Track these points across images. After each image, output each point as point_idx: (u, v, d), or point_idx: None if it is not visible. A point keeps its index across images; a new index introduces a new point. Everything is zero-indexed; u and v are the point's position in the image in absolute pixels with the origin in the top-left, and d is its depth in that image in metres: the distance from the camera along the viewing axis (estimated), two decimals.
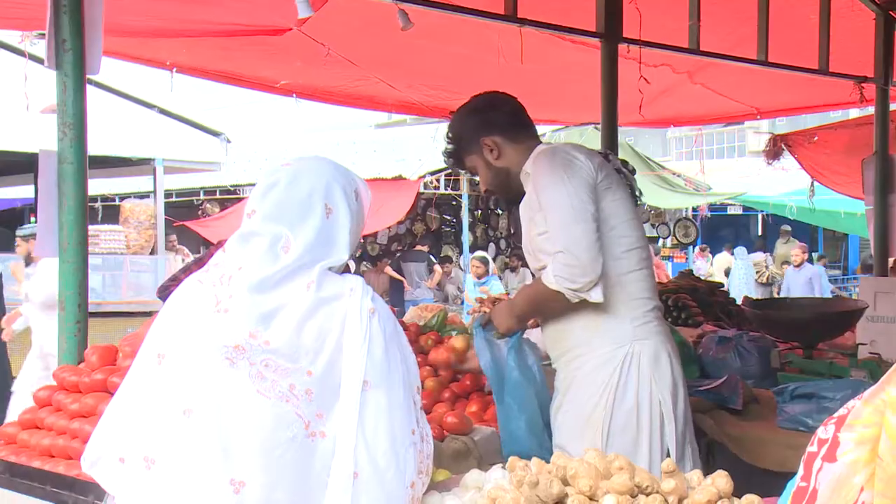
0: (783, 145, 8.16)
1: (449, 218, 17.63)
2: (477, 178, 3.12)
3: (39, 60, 3.62)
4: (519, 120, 2.99)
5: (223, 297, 1.96)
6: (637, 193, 3.03)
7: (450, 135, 3.05)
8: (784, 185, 15.06)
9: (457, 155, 3.03)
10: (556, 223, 2.69)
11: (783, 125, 16.44)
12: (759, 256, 18.82)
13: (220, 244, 4.41)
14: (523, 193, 2.90)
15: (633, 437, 2.72)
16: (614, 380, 2.73)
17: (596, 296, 2.67)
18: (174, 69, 5.94)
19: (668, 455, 2.73)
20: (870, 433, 1.09)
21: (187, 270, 4.32)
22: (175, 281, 4.25)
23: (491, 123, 2.94)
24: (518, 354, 2.89)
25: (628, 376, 2.73)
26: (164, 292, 4.26)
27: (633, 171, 3.07)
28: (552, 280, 2.68)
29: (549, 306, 2.81)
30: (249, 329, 1.92)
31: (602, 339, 2.76)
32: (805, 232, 20.51)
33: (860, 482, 1.08)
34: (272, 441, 1.87)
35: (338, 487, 1.89)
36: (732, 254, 18.68)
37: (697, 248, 19.39)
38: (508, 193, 2.99)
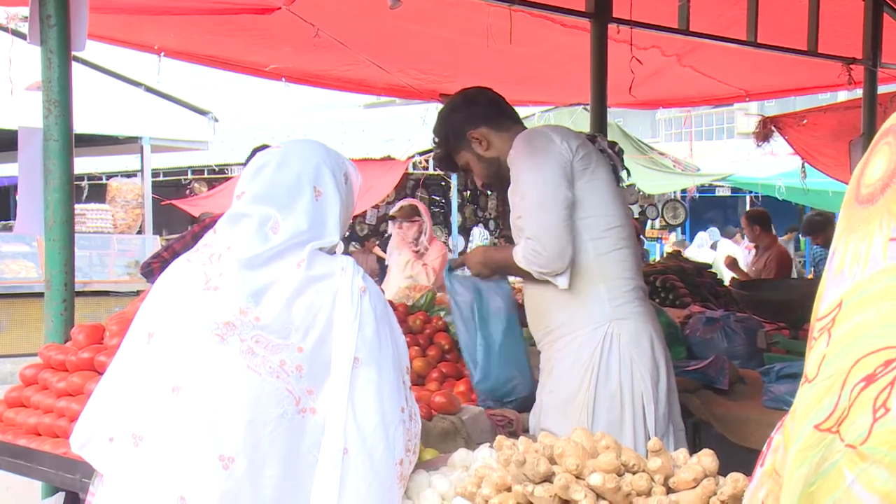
0: (773, 127, 8.18)
1: (438, 198, 17.59)
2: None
3: (24, 37, 3.59)
4: (500, 109, 3.02)
5: (213, 275, 1.97)
6: (623, 174, 3.04)
7: (436, 139, 3.09)
8: (773, 168, 15.10)
9: (447, 156, 3.07)
10: (527, 209, 2.75)
11: (772, 107, 16.45)
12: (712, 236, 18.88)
13: (203, 222, 4.40)
14: None
15: (617, 418, 2.74)
16: (595, 361, 2.75)
17: (562, 282, 2.74)
18: (162, 53, 5.90)
19: (650, 436, 2.74)
20: (782, 438, 1.02)
21: (169, 248, 4.30)
22: (157, 258, 4.24)
23: (474, 117, 2.97)
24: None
25: (609, 357, 2.75)
26: (147, 269, 4.24)
27: (620, 152, 3.08)
28: (521, 259, 2.75)
29: (520, 275, 2.89)
30: (240, 305, 1.93)
31: (582, 319, 2.78)
32: (793, 212, 20.56)
33: (762, 497, 1.02)
34: (262, 417, 1.88)
35: (327, 463, 1.90)
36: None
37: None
38: (503, 183, 3.01)
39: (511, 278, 3.14)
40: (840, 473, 0.86)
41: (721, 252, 15.58)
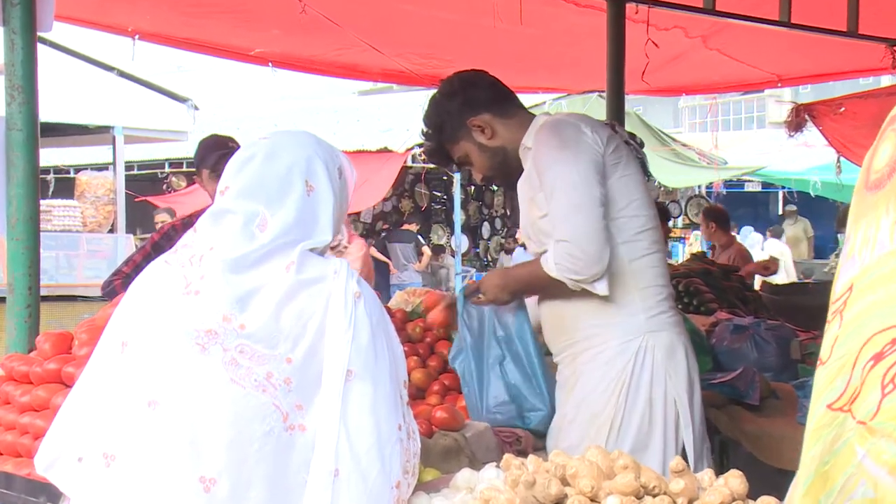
0: (807, 116, 8.16)
1: (439, 194, 17.61)
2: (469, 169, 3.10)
3: None
4: (501, 93, 2.98)
5: (194, 278, 1.97)
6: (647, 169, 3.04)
7: (428, 130, 3.02)
8: (807, 160, 15.09)
9: (441, 148, 3.01)
10: (559, 209, 2.69)
11: (807, 94, 16.43)
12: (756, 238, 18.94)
13: (162, 230, 4.40)
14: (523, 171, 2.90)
15: (645, 439, 2.73)
16: (626, 376, 2.74)
17: (601, 288, 2.69)
18: (136, 36, 5.90)
19: (686, 458, 2.73)
20: None
21: (129, 262, 4.29)
22: (118, 275, 4.23)
23: (475, 102, 2.92)
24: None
25: (641, 372, 2.74)
26: (108, 288, 4.23)
27: (641, 145, 3.08)
28: (552, 267, 2.69)
29: (548, 291, 2.83)
30: (223, 312, 1.92)
31: (612, 330, 2.77)
32: (830, 210, 20.55)
33: (799, 493, 1.10)
34: (247, 435, 1.87)
35: (317, 486, 1.90)
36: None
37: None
38: (509, 175, 2.98)
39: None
40: (852, 450, 0.96)
41: (769, 253, 15.60)
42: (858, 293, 1.04)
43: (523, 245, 12.84)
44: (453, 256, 15.74)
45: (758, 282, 8.72)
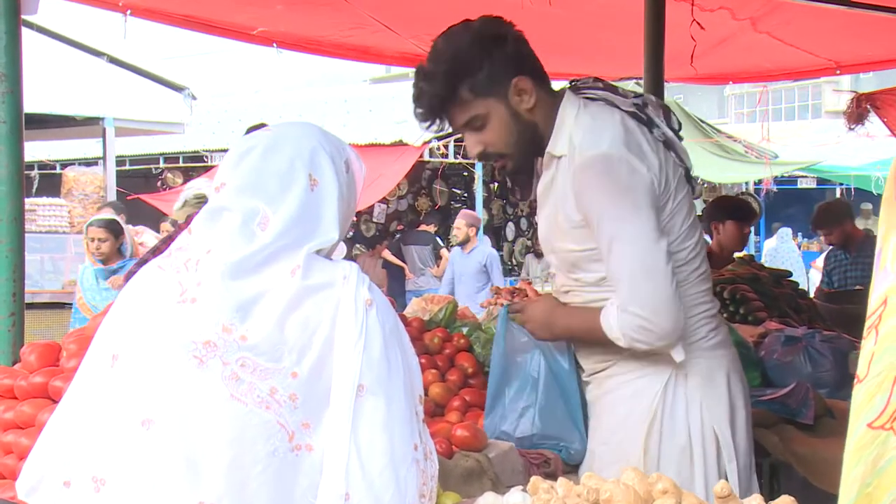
0: (869, 106, 8.11)
1: (459, 192, 17.64)
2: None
3: None
4: (540, 64, 2.77)
5: (190, 284, 1.98)
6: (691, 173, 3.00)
7: (442, 67, 2.63)
8: (869, 153, 15.00)
9: (448, 97, 2.64)
10: (622, 270, 2.61)
11: (869, 81, 16.33)
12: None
13: (190, 220, 4.45)
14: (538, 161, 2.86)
15: (687, 475, 2.71)
16: (657, 408, 2.73)
17: (677, 355, 2.66)
18: (128, 12, 5.92)
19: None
20: None
21: (156, 251, 4.35)
22: (143, 264, 4.29)
23: (525, 60, 2.69)
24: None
25: (674, 404, 2.73)
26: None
27: (679, 127, 2.96)
28: (619, 337, 2.64)
29: (603, 346, 2.76)
30: (222, 322, 1.93)
31: (646, 356, 2.74)
32: None
33: None
34: (249, 455, 1.88)
35: None
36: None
37: None
38: (521, 162, 2.80)
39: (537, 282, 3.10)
40: None
41: None
42: (893, 307, 1.07)
43: (461, 245, 12.55)
44: None
45: (813, 288, 8.69)
